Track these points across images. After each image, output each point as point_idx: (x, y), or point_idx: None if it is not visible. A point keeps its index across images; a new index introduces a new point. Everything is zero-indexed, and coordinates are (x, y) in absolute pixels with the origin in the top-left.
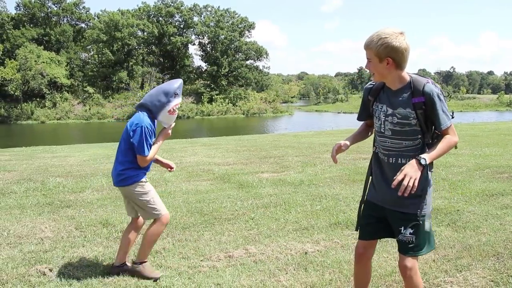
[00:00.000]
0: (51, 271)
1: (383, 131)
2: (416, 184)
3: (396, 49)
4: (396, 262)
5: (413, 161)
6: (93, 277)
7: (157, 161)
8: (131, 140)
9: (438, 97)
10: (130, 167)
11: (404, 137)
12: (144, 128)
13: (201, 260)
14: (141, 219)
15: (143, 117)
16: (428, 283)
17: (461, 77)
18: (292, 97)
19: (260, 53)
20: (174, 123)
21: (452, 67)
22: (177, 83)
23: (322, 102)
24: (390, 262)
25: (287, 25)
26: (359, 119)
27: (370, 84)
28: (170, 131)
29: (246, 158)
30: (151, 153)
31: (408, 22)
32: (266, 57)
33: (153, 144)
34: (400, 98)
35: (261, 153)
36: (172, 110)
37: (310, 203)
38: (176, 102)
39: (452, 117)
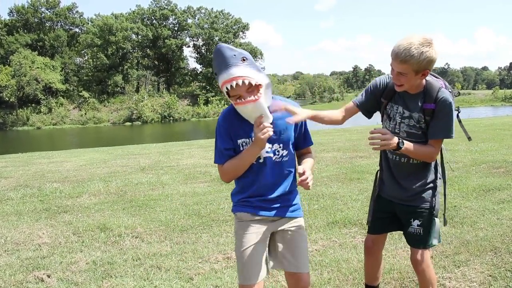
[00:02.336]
0: (49, 277)
1: (397, 131)
2: (382, 146)
3: (434, 60)
4: (394, 259)
5: (395, 138)
6: (91, 282)
7: None
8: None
9: (450, 106)
10: (233, 189)
11: (416, 140)
12: (217, 124)
13: (199, 262)
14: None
15: (226, 109)
16: None
17: (455, 73)
18: (287, 97)
19: (254, 53)
20: (262, 118)
21: (447, 63)
22: (214, 55)
23: (318, 101)
24: (388, 259)
25: (282, 25)
26: (359, 107)
27: (383, 82)
28: (259, 134)
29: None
30: (231, 163)
31: (403, 20)
32: (261, 58)
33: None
34: (416, 102)
35: None
36: (227, 95)
37: (307, 202)
38: (221, 80)
39: (458, 112)
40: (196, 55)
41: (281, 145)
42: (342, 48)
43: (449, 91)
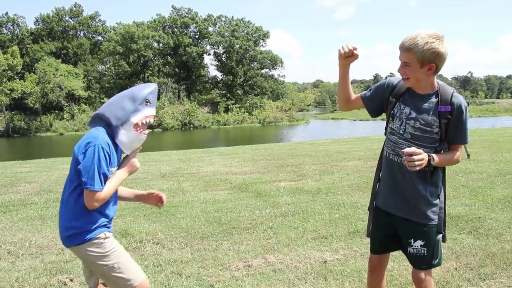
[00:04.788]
0: (72, 281)
1: (402, 132)
2: (417, 166)
3: (441, 55)
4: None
5: (427, 155)
6: None
7: (130, 197)
8: (79, 166)
9: (466, 110)
10: (80, 217)
11: (424, 143)
12: (98, 148)
13: (220, 270)
14: None
15: (97, 134)
16: None
17: (479, 82)
18: (308, 105)
19: (275, 61)
20: (141, 148)
21: (470, 71)
22: (149, 87)
23: (338, 109)
24: (411, 270)
25: (301, 34)
26: (364, 99)
27: (392, 82)
28: (136, 161)
29: (263, 167)
30: (107, 189)
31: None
32: (281, 66)
33: (110, 176)
34: (427, 104)
35: (278, 162)
36: (140, 124)
37: (328, 211)
38: (147, 113)
39: None
40: (217, 63)
41: None
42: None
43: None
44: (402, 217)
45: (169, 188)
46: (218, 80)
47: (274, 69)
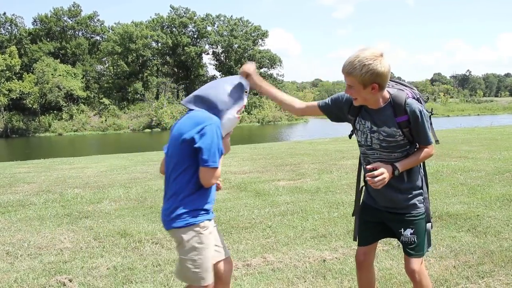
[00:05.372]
0: (71, 281)
1: (370, 144)
2: (380, 185)
3: (381, 74)
4: None
5: (390, 167)
6: (112, 287)
7: None
8: (197, 145)
9: (421, 114)
10: (182, 201)
11: (393, 150)
12: (216, 127)
13: None
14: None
15: (209, 115)
16: None
17: (477, 80)
18: None
19: (273, 61)
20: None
21: (468, 70)
22: (243, 79)
23: None
24: (401, 268)
25: (301, 33)
26: (321, 108)
27: (348, 98)
28: (229, 143)
29: (262, 166)
30: (219, 168)
31: (421, 27)
32: (280, 65)
33: None
34: (383, 117)
35: (277, 161)
36: (239, 110)
37: (327, 210)
38: (245, 102)
39: (431, 114)
40: (215, 63)
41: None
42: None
43: (416, 98)
44: (389, 211)
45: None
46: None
47: (273, 68)
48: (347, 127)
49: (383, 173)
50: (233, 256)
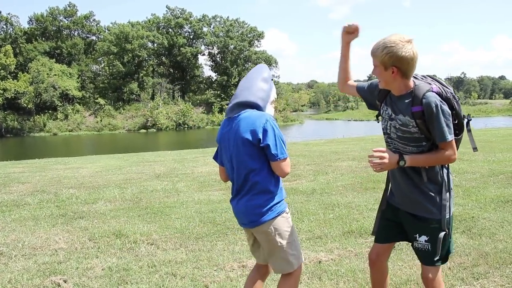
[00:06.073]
0: (65, 282)
1: (389, 132)
2: (378, 169)
3: (401, 59)
4: (411, 270)
5: (396, 156)
6: None
7: None
8: (264, 143)
9: (437, 108)
10: (270, 194)
11: (407, 142)
12: (272, 122)
13: (214, 270)
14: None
15: (259, 113)
16: None
17: (472, 82)
18: (302, 106)
19: (269, 62)
20: None
21: (463, 72)
22: (267, 68)
23: (333, 110)
24: (405, 270)
25: (296, 33)
26: (357, 89)
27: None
28: None
29: None
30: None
31: (418, 29)
32: (276, 66)
33: None
34: (401, 105)
35: None
36: (275, 99)
37: (322, 211)
38: (275, 89)
39: (469, 120)
40: (211, 63)
41: None
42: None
43: (445, 96)
44: (407, 211)
45: (164, 189)
46: (213, 80)
47: (270, 69)
48: (343, 129)
49: (383, 158)
50: (228, 257)
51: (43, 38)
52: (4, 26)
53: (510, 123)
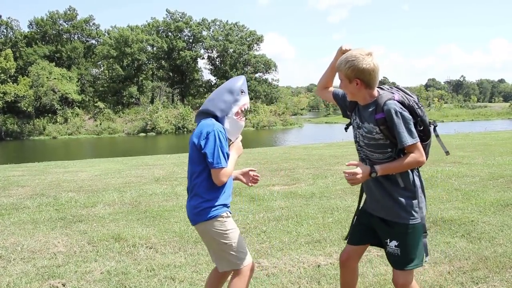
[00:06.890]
0: (64, 286)
1: (358, 140)
2: (351, 183)
3: (363, 71)
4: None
5: (368, 168)
6: None
7: (235, 178)
8: (203, 150)
9: (397, 114)
10: (209, 194)
11: (374, 149)
12: (217, 133)
13: None
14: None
15: (212, 122)
16: None
17: (471, 85)
18: (301, 109)
19: (269, 65)
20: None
21: (462, 76)
22: (241, 79)
23: (332, 113)
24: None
25: (295, 37)
26: (333, 94)
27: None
28: (241, 145)
29: (257, 171)
30: (230, 166)
31: (415, 32)
32: (275, 70)
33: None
34: (366, 113)
35: (272, 166)
36: (240, 112)
37: (322, 215)
38: (244, 101)
39: (435, 126)
40: (211, 67)
41: None
42: None
43: (408, 104)
44: (379, 216)
45: (163, 192)
46: (212, 84)
47: (268, 73)
48: (342, 132)
49: (356, 174)
50: None
51: (43, 42)
52: (5, 30)
53: (510, 126)
